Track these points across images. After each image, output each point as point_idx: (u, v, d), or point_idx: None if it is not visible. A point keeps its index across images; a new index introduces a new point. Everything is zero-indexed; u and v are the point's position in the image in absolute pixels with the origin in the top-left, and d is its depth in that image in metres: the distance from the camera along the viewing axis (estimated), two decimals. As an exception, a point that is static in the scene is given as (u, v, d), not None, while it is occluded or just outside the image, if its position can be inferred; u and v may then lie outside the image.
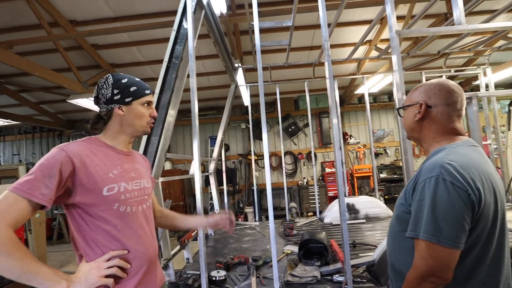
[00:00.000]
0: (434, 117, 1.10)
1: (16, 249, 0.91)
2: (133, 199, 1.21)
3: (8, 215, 0.92)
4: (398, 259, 1.10)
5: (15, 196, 0.94)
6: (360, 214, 3.57)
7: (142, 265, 1.19)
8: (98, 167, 1.12)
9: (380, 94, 8.06)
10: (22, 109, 7.17)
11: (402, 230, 1.04)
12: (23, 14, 4.13)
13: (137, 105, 1.25)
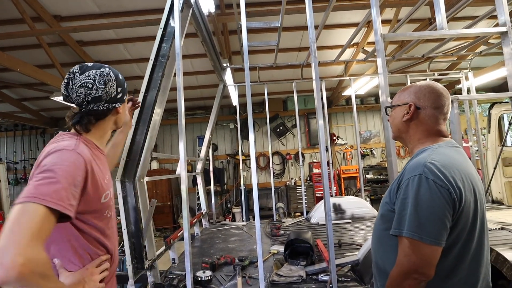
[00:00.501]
0: (422, 118, 1.12)
1: (51, 271, 0.81)
2: (112, 203, 1.16)
3: (43, 234, 0.78)
4: (383, 257, 1.12)
5: (45, 210, 0.79)
6: (346, 214, 3.62)
7: (116, 265, 1.21)
8: (98, 174, 1.04)
9: (367, 96, 8.20)
10: (3, 106, 6.92)
11: (386, 228, 1.06)
12: (5, 8, 3.98)
13: (125, 101, 1.23)
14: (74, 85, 1.03)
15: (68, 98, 1.06)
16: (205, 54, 5.54)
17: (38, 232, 0.76)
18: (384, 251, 1.11)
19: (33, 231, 0.75)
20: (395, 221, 0.99)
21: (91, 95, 1.03)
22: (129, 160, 1.71)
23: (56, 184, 0.83)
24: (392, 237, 1.01)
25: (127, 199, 1.74)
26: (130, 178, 1.74)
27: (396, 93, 1.23)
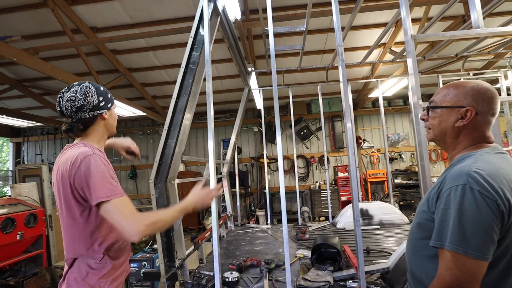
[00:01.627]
0: (478, 125, 1.01)
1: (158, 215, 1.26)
2: None
3: (131, 207, 1.20)
4: (418, 266, 1.08)
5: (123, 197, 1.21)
6: (374, 220, 3.52)
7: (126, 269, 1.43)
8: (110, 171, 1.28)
9: (394, 98, 7.94)
10: (45, 111, 7.48)
11: (423, 237, 1.02)
12: (48, 22, 4.33)
13: (113, 109, 1.42)
14: (63, 101, 1.26)
15: (61, 113, 1.30)
16: (229, 59, 5.69)
17: (130, 208, 1.19)
18: (419, 260, 1.07)
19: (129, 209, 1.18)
20: (436, 232, 0.94)
21: (75, 106, 1.25)
22: (161, 163, 1.80)
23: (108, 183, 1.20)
24: (429, 247, 0.97)
25: (159, 200, 1.82)
26: (162, 180, 1.82)
27: (439, 92, 1.11)
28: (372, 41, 5.39)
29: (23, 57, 3.59)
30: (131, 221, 1.14)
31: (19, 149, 9.02)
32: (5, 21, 4.30)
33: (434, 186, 1.03)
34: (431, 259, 0.98)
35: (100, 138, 1.37)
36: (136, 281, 2.67)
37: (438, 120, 1.09)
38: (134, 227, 1.13)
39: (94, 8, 4.25)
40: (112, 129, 1.43)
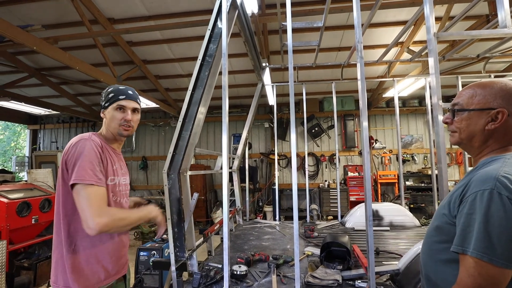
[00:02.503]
0: (509, 127, 0.97)
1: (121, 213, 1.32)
2: (121, 192, 1.48)
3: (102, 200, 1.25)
4: (434, 270, 1.06)
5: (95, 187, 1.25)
6: (384, 221, 3.47)
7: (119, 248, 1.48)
8: (108, 159, 1.38)
9: (410, 98, 7.78)
10: (61, 100, 7.67)
11: (442, 241, 1.00)
12: (67, 12, 4.41)
13: (111, 109, 1.44)
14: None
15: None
16: (242, 53, 5.67)
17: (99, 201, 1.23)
18: (436, 264, 1.05)
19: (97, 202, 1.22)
20: (458, 237, 0.91)
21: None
22: (175, 154, 1.81)
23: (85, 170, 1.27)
24: (447, 252, 0.94)
25: (172, 190, 1.84)
26: (175, 171, 1.83)
27: (463, 93, 1.06)
28: (389, 39, 5.30)
29: (43, 46, 3.66)
30: (95, 212, 1.17)
31: (35, 136, 9.28)
32: (26, 10, 4.39)
33: (457, 189, 0.99)
34: (449, 264, 0.96)
35: (105, 133, 1.48)
36: (145, 269, 2.72)
37: (465, 123, 1.04)
38: (97, 220, 1.15)
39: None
40: (109, 128, 1.47)
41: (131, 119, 1.45)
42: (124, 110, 1.44)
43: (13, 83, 6.13)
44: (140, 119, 1.56)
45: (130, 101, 1.45)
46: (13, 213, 3.73)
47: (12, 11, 4.39)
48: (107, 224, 1.17)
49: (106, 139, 1.47)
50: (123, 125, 1.43)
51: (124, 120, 1.43)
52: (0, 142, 13.65)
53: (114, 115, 1.43)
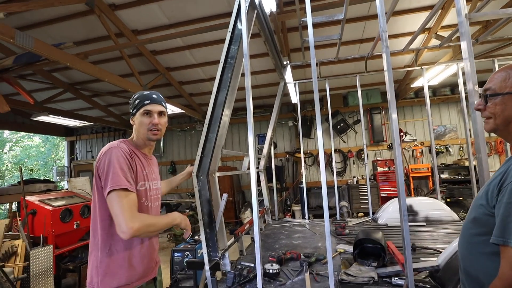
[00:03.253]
0: None
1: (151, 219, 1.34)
2: (152, 196, 1.51)
3: (133, 206, 1.29)
4: (474, 264, 1.01)
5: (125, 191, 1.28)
6: (419, 216, 3.32)
7: (151, 252, 1.51)
8: (137, 165, 1.41)
9: (440, 87, 7.37)
10: (94, 112, 8.12)
11: (480, 233, 0.95)
12: (95, 28, 4.67)
13: (138, 115, 1.47)
14: None
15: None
16: (262, 54, 5.68)
17: (130, 207, 1.26)
18: (475, 258, 1.00)
19: (129, 208, 1.26)
20: (498, 228, 0.87)
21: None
22: (203, 156, 1.86)
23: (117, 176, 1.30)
24: (486, 243, 0.90)
25: (202, 192, 1.88)
26: (204, 173, 1.88)
27: (495, 77, 1.02)
28: (414, 27, 5.06)
29: (75, 61, 3.91)
30: (128, 218, 1.21)
31: (72, 147, 9.90)
32: (58, 29, 4.71)
33: (494, 178, 0.95)
34: (490, 256, 0.91)
35: (136, 140, 1.52)
36: (180, 270, 2.81)
37: (500, 108, 0.98)
38: (130, 224, 1.20)
39: (135, 12, 4.49)
40: (138, 134, 1.50)
41: (159, 123, 1.47)
42: (151, 114, 1.46)
43: (50, 98, 6.59)
44: (167, 122, 1.59)
45: (155, 104, 1.48)
46: (57, 220, 4.01)
47: (46, 31, 4.73)
48: (139, 229, 1.22)
49: (136, 145, 1.51)
50: (151, 130, 1.46)
51: (151, 125, 1.45)
52: (42, 154, 14.71)
53: (142, 121, 1.46)
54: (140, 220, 1.25)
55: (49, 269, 3.81)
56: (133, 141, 1.52)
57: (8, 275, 3.12)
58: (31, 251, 3.61)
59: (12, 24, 4.09)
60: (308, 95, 7.86)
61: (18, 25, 4.50)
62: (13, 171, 13.96)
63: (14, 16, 3.99)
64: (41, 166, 14.54)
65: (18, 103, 6.06)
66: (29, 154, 14.73)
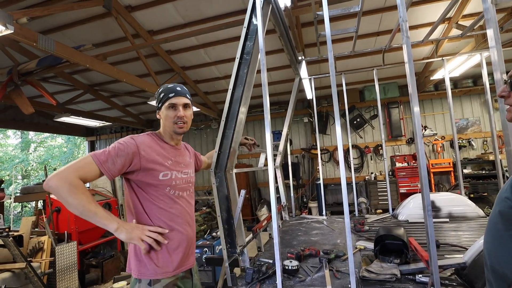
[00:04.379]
0: None
1: (82, 192, 1.19)
2: (180, 186, 1.48)
3: (82, 171, 1.22)
4: (501, 261, 0.96)
5: (91, 160, 1.25)
6: (441, 212, 3.21)
7: (183, 240, 1.45)
8: (158, 156, 1.40)
9: (462, 78, 7.08)
10: (113, 112, 8.35)
11: (507, 228, 0.91)
12: (113, 30, 4.78)
13: (164, 109, 1.48)
14: None
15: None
16: (277, 50, 5.64)
17: (77, 168, 1.21)
18: (503, 254, 0.95)
19: (75, 167, 1.21)
20: None
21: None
22: (220, 153, 1.87)
23: (106, 150, 1.29)
24: None
25: (220, 188, 1.89)
26: (222, 170, 1.89)
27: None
28: (433, 17, 4.88)
29: (95, 63, 4.02)
30: (59, 172, 1.17)
31: (93, 146, 10.23)
32: (77, 32, 4.86)
33: None
34: None
35: (163, 132, 1.52)
36: (199, 266, 2.85)
37: None
38: (53, 177, 1.15)
39: (151, 12, 4.56)
40: (165, 127, 1.50)
41: (184, 115, 1.46)
42: (176, 107, 1.46)
43: (71, 100, 6.83)
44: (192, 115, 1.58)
45: (180, 97, 1.47)
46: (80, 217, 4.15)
47: (65, 34, 4.89)
48: (55, 186, 1.15)
49: (163, 137, 1.52)
50: (177, 123, 1.46)
51: (177, 118, 1.45)
52: (65, 154, 15.31)
53: (167, 114, 1.46)
54: (66, 182, 1.15)
55: (73, 265, 3.97)
56: (161, 133, 1.53)
57: (36, 270, 3.27)
58: (56, 247, 3.77)
59: (34, 28, 4.25)
60: (323, 91, 7.75)
61: (40, 29, 4.67)
62: (38, 171, 14.59)
63: (36, 20, 4.14)
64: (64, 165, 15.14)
65: (42, 105, 6.32)
66: (53, 154, 15.35)
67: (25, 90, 6.04)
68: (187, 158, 1.62)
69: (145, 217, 1.38)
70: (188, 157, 1.64)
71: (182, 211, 1.48)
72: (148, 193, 1.38)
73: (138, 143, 1.36)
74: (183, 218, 1.48)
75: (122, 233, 1.25)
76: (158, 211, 1.39)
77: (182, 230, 1.45)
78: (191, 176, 1.59)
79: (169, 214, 1.41)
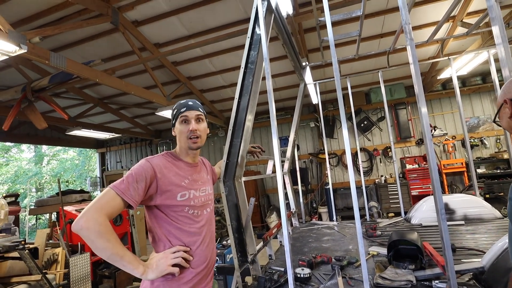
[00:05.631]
0: None
1: (110, 234, 1.15)
2: (199, 204, 1.44)
3: (107, 208, 1.17)
4: None
5: (113, 193, 1.20)
6: (456, 214, 3.14)
7: (203, 261, 1.41)
8: (174, 177, 1.37)
9: (470, 76, 6.97)
10: (121, 124, 8.50)
11: None
12: (120, 44, 4.90)
13: (177, 124, 1.46)
14: None
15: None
16: (280, 57, 5.68)
17: (102, 206, 1.16)
18: None
19: (100, 205, 1.16)
20: None
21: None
22: (229, 162, 1.88)
23: (124, 179, 1.24)
24: None
25: (229, 197, 1.90)
26: (230, 178, 1.89)
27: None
28: (436, 16, 4.85)
29: (104, 77, 4.12)
30: (86, 213, 1.13)
31: (103, 158, 10.40)
32: (86, 48, 4.99)
33: None
34: None
35: (179, 150, 1.49)
36: (210, 274, 2.83)
37: (504, 125, 1.07)
38: (80, 218, 1.11)
39: (156, 26, 4.67)
40: (180, 143, 1.46)
41: (197, 129, 1.43)
42: (188, 121, 1.43)
43: (82, 113, 6.99)
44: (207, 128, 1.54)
45: (191, 111, 1.44)
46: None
47: (75, 50, 5.03)
48: (82, 227, 1.10)
49: (179, 155, 1.49)
50: (191, 138, 1.42)
51: (190, 132, 1.41)
52: (77, 167, 15.60)
53: (181, 129, 1.44)
54: (95, 223, 1.11)
55: (86, 276, 4.00)
56: (177, 152, 1.49)
57: (51, 282, 3.31)
58: (70, 258, 3.81)
59: (46, 46, 4.39)
60: (328, 95, 7.74)
61: (51, 47, 4.83)
62: (51, 183, 14.88)
63: (48, 39, 4.28)
64: (76, 178, 15.41)
65: (54, 119, 6.48)
66: (65, 167, 15.66)
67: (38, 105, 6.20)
68: (204, 175, 1.57)
69: (165, 239, 1.34)
70: (205, 173, 1.59)
71: (202, 230, 1.44)
72: (168, 214, 1.35)
73: (154, 165, 1.32)
74: (202, 238, 1.43)
75: (149, 274, 1.22)
76: (177, 231, 1.35)
77: (199, 250, 1.40)
78: (209, 193, 1.54)
79: (188, 234, 1.37)
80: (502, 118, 1.15)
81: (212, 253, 1.50)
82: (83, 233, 1.11)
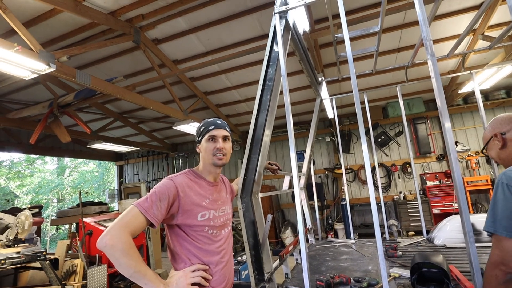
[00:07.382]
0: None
1: (134, 252, 1.15)
2: (218, 224, 1.44)
3: (131, 226, 1.19)
4: None
5: (137, 211, 1.22)
6: (483, 236, 2.97)
7: (222, 281, 1.40)
8: (195, 196, 1.37)
9: (493, 90, 6.75)
10: (140, 137, 8.73)
11: None
12: (141, 61, 5.11)
13: (204, 142, 1.48)
14: None
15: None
16: (296, 71, 5.73)
17: (127, 224, 1.17)
18: None
19: (125, 223, 1.17)
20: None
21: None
22: (246, 178, 1.87)
23: (147, 197, 1.26)
24: None
25: (246, 214, 1.88)
26: (248, 195, 1.89)
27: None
28: (456, 29, 4.78)
29: (125, 93, 4.28)
30: (111, 230, 1.14)
31: (121, 170, 10.65)
32: (111, 65, 5.23)
33: None
34: None
35: (202, 167, 1.50)
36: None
37: (492, 156, 1.23)
38: (105, 236, 1.13)
39: (175, 44, 4.85)
40: (205, 160, 1.47)
41: (223, 147, 1.45)
42: (215, 139, 1.45)
43: (103, 127, 7.24)
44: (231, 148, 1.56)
45: (219, 129, 1.47)
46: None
47: (99, 68, 5.28)
48: (106, 244, 1.11)
49: (202, 173, 1.49)
50: (216, 155, 1.44)
51: (216, 149, 1.44)
52: (96, 179, 16.06)
53: (207, 147, 1.45)
54: (120, 241, 1.12)
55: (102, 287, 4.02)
56: (199, 169, 1.50)
57: (69, 294, 3.35)
58: (88, 270, 3.86)
59: (72, 64, 4.64)
60: (344, 109, 7.68)
61: (77, 65, 5.09)
62: (72, 194, 15.33)
63: (74, 57, 4.52)
64: (95, 189, 15.82)
65: (77, 133, 6.75)
66: (85, 179, 16.14)
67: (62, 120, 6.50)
68: (224, 194, 1.58)
69: (184, 258, 1.35)
70: (224, 192, 1.60)
71: (221, 249, 1.44)
72: (188, 233, 1.35)
73: (177, 184, 1.33)
74: (220, 257, 1.43)
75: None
76: (197, 250, 1.35)
77: (218, 269, 1.40)
78: (228, 213, 1.54)
79: (207, 253, 1.38)
80: (491, 149, 1.38)
81: (231, 272, 1.49)
82: (107, 251, 1.12)
